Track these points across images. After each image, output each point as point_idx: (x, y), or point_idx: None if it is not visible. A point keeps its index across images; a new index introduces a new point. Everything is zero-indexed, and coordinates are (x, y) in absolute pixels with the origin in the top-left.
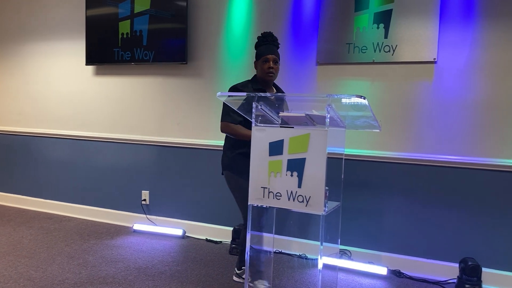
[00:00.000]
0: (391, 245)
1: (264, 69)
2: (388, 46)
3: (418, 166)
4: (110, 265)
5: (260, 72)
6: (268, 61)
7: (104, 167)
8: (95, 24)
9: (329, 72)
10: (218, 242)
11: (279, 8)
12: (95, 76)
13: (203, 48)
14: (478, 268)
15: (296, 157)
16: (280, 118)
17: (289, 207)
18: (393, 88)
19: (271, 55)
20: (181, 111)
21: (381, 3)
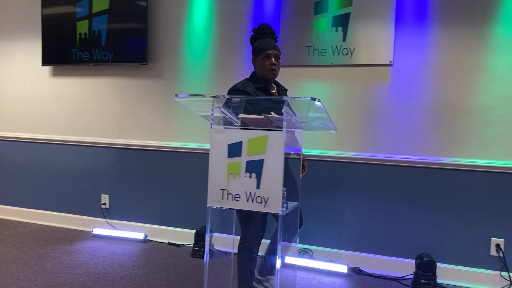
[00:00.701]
0: (351, 243)
1: (266, 66)
2: (346, 49)
3: (375, 166)
4: (68, 271)
5: (260, 70)
6: (269, 57)
7: (62, 170)
8: (51, 24)
9: (289, 74)
10: (180, 245)
11: (240, 9)
12: (52, 77)
13: (164, 48)
14: (433, 264)
15: (254, 158)
16: (240, 120)
17: (248, 208)
18: (351, 90)
19: (273, 50)
20: (142, 112)
21: (340, 6)
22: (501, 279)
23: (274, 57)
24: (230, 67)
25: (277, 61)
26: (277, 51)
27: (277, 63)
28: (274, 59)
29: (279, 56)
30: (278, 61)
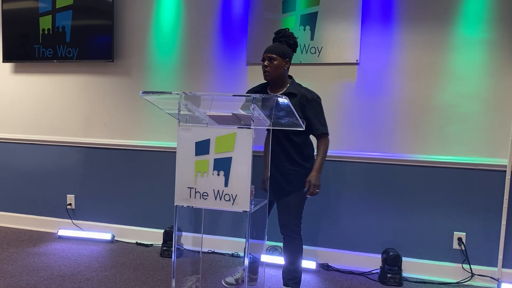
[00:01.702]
0: (319, 239)
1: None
2: (314, 47)
3: (341, 163)
4: (31, 274)
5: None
6: (264, 60)
7: (25, 170)
8: (12, 19)
9: (259, 72)
10: (148, 245)
11: (209, 7)
12: (13, 74)
13: (131, 45)
14: (399, 258)
15: (222, 156)
16: (208, 118)
17: (216, 206)
18: (320, 89)
19: (266, 54)
20: (108, 111)
21: (307, 5)
22: (463, 271)
23: (266, 59)
24: (198, 65)
25: (270, 63)
26: (270, 53)
27: (269, 64)
28: (266, 61)
29: (272, 57)
30: (271, 62)
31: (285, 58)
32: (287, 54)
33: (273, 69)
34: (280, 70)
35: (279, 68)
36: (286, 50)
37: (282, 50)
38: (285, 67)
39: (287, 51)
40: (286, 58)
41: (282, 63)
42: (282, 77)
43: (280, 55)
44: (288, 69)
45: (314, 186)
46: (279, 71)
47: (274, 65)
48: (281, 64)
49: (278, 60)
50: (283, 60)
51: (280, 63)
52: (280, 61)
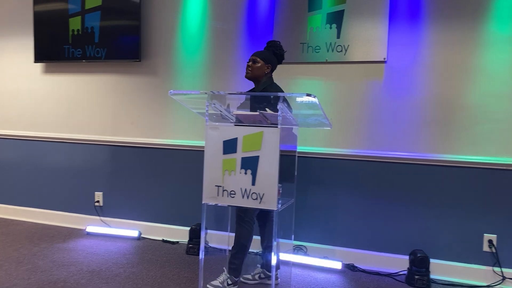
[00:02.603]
0: (345, 239)
1: None
2: (340, 46)
3: (369, 163)
4: (61, 269)
5: None
6: (249, 61)
7: (55, 168)
8: (43, 20)
9: (283, 71)
10: (174, 243)
11: (235, 6)
12: (44, 74)
13: (157, 45)
14: (426, 260)
15: (249, 155)
16: (235, 117)
17: (243, 204)
18: (345, 87)
19: (252, 56)
20: (135, 109)
21: (334, 3)
22: (494, 274)
23: (251, 61)
24: (224, 64)
25: (253, 64)
26: (255, 56)
27: (252, 65)
28: (250, 62)
29: (257, 60)
30: (255, 64)
31: (268, 63)
32: (270, 61)
33: (254, 69)
34: (260, 72)
35: (260, 70)
36: (271, 57)
37: (267, 57)
38: (265, 71)
39: (272, 59)
40: (268, 64)
41: (264, 67)
42: (260, 78)
43: (264, 60)
44: (268, 73)
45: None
46: (259, 73)
47: (257, 66)
48: (262, 67)
49: (261, 63)
50: (265, 64)
51: (262, 67)
52: (263, 65)
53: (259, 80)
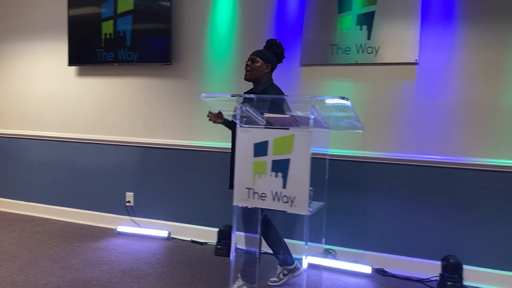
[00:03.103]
0: (375, 244)
1: None
2: (371, 47)
3: (400, 166)
4: (94, 268)
5: None
6: (248, 60)
7: (87, 168)
8: (77, 24)
9: (313, 73)
10: (203, 243)
11: (264, 9)
12: (77, 77)
13: (187, 48)
14: (460, 266)
15: (280, 158)
16: (265, 119)
17: (274, 207)
18: (376, 89)
19: (251, 55)
20: (166, 112)
21: (364, 4)
22: None
23: (250, 60)
24: None
25: (252, 64)
26: (255, 55)
27: (251, 65)
28: (249, 62)
29: (256, 60)
30: (254, 63)
31: (267, 63)
32: (270, 60)
33: (253, 69)
34: (260, 73)
35: (260, 70)
36: (271, 57)
37: (267, 56)
38: (265, 70)
39: (272, 58)
40: (268, 63)
41: (263, 67)
42: (260, 79)
43: (263, 59)
44: (267, 73)
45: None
46: (259, 73)
47: (256, 66)
48: (262, 67)
49: (261, 63)
50: (265, 64)
51: (261, 66)
52: (262, 64)
53: (259, 81)
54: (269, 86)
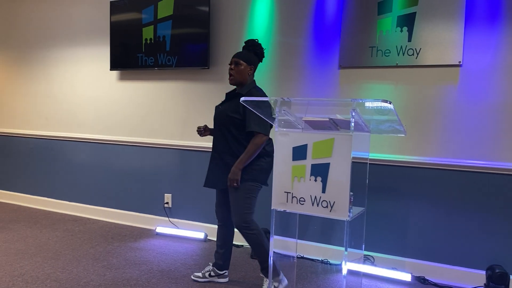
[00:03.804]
0: (415, 251)
1: None
2: (412, 49)
3: (443, 171)
4: (133, 268)
5: None
6: (231, 63)
7: (127, 170)
8: (119, 30)
9: (351, 75)
10: (239, 246)
11: (301, 12)
12: (119, 81)
13: (225, 52)
14: (506, 276)
15: (320, 162)
16: (303, 123)
17: (313, 212)
18: (417, 92)
19: (233, 58)
20: (203, 115)
21: (405, 6)
22: None
23: (233, 63)
24: (290, 70)
25: (236, 67)
26: (238, 58)
27: (235, 68)
28: (233, 65)
29: (239, 62)
30: (237, 66)
31: (251, 64)
32: (253, 62)
33: (238, 72)
34: (244, 75)
35: (244, 73)
36: (252, 58)
37: (249, 57)
38: (249, 72)
39: (254, 59)
40: (251, 65)
41: (247, 69)
42: (245, 81)
43: (247, 61)
44: (251, 75)
45: (230, 180)
46: (243, 76)
47: (240, 69)
48: (246, 69)
49: (244, 65)
50: (248, 66)
51: (245, 69)
52: (246, 66)
53: (243, 83)
54: (253, 88)
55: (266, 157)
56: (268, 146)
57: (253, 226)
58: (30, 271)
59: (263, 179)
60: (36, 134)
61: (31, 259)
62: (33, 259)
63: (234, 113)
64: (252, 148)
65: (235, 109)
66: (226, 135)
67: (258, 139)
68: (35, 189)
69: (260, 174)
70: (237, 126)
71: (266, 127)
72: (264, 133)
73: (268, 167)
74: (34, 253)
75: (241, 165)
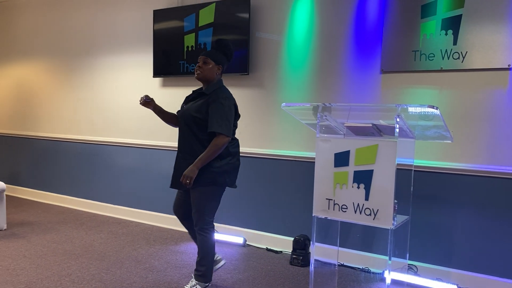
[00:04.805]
0: (462, 261)
1: None
2: (457, 53)
3: (491, 179)
4: (174, 271)
5: None
6: (199, 61)
7: (168, 174)
8: (162, 38)
9: (394, 80)
10: (278, 252)
11: (342, 16)
12: (161, 87)
13: (265, 59)
14: None
15: (363, 168)
16: (345, 128)
17: (356, 220)
18: (463, 97)
19: (202, 56)
20: (243, 121)
21: (450, 8)
22: None
23: (201, 61)
24: (330, 75)
25: (204, 65)
26: (206, 57)
27: (203, 66)
28: (201, 63)
29: (207, 61)
30: (206, 65)
31: (219, 64)
32: (221, 62)
33: (205, 70)
34: (212, 74)
35: (211, 71)
36: (221, 58)
37: (218, 57)
38: (216, 72)
39: (222, 59)
40: (219, 65)
41: (215, 68)
42: (212, 80)
43: (215, 60)
44: (219, 75)
45: (184, 177)
46: (211, 74)
47: (207, 68)
48: (213, 68)
49: (212, 64)
50: (216, 65)
51: (213, 68)
52: (214, 66)
53: (210, 82)
54: (219, 88)
55: (229, 158)
56: (232, 147)
57: (209, 230)
58: (76, 271)
59: (223, 182)
60: (82, 139)
61: (77, 259)
62: (79, 259)
63: (197, 113)
64: (212, 149)
65: (198, 108)
66: (190, 135)
67: (219, 139)
68: (81, 192)
69: (219, 177)
70: (200, 126)
71: (229, 128)
72: (226, 134)
73: (230, 169)
74: (80, 254)
75: (199, 164)
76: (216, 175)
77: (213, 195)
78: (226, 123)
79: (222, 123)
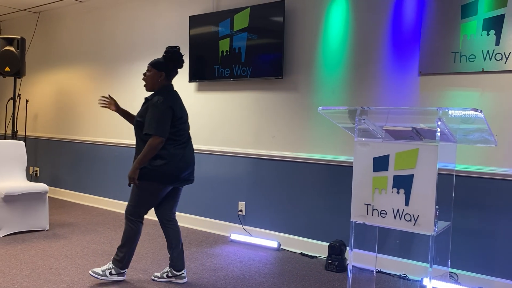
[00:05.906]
0: (505, 270)
1: None
2: (500, 53)
3: None
4: (209, 273)
5: None
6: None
7: (204, 177)
8: (197, 43)
9: (432, 82)
10: (313, 257)
11: (378, 18)
12: (197, 92)
13: (299, 62)
14: None
15: (403, 173)
16: (384, 132)
17: (396, 226)
18: (507, 99)
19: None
20: (277, 124)
21: (492, 8)
22: None
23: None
24: (365, 78)
25: (147, 73)
26: (148, 65)
27: (145, 74)
28: (146, 72)
29: (147, 69)
30: (147, 73)
31: (160, 71)
32: (163, 68)
33: (147, 78)
34: (154, 81)
35: (153, 79)
36: (162, 64)
37: (158, 64)
38: (159, 79)
39: (164, 65)
40: (161, 71)
41: (157, 75)
42: (156, 87)
43: (155, 67)
44: (163, 81)
45: (128, 178)
46: (153, 82)
47: (149, 75)
48: (155, 76)
49: (153, 72)
50: (157, 72)
51: (154, 75)
52: (155, 73)
53: (154, 88)
54: (160, 92)
55: (169, 158)
56: (175, 148)
57: (135, 221)
58: None
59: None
60: (121, 142)
61: None
62: None
63: (140, 117)
64: (147, 149)
65: (141, 113)
66: (138, 138)
67: (152, 140)
68: (119, 194)
69: (156, 174)
70: (142, 130)
71: (161, 129)
72: (159, 134)
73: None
74: None
75: (137, 165)
76: (153, 172)
77: (148, 190)
78: (158, 124)
79: (154, 125)
